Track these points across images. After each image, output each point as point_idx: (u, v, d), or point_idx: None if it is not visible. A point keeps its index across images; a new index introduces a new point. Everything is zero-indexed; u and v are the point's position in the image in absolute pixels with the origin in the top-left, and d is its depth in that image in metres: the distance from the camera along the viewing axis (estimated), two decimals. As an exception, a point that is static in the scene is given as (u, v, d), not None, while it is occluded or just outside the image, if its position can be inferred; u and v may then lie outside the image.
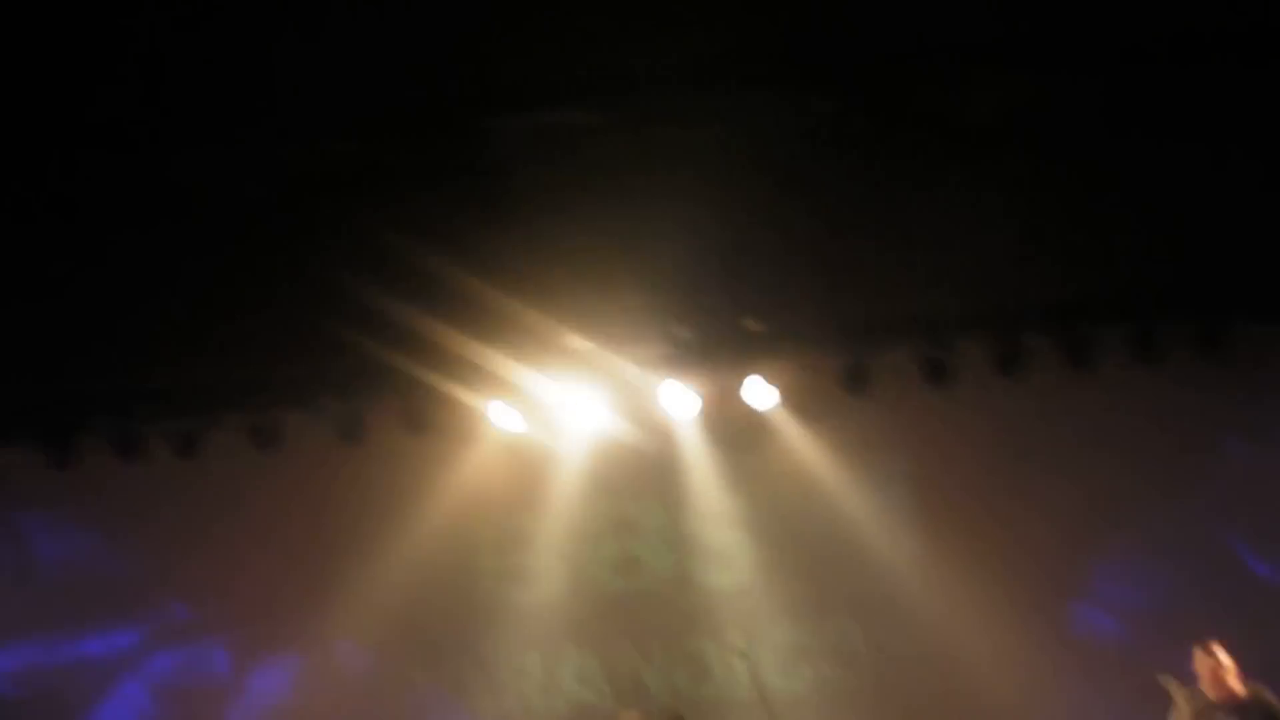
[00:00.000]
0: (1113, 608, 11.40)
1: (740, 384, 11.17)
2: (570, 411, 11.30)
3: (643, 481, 11.78)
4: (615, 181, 9.72)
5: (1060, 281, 10.30)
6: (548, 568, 11.84)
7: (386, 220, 9.79)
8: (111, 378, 10.44)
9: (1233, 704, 8.84)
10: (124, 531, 11.95)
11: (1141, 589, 11.29)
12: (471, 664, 11.70)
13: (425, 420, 11.17)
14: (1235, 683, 8.85)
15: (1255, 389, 11.18)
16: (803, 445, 11.55)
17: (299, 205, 9.91)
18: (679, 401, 11.16)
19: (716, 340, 10.46)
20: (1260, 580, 11.20)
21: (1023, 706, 11.12)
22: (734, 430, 11.54)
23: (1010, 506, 11.44)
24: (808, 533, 11.70)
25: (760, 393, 11.22)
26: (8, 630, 11.93)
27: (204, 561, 11.78)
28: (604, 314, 10.06)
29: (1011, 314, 10.68)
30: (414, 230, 9.77)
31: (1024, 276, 10.08)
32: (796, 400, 11.37)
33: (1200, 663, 8.95)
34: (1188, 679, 9.04)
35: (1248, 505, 11.18)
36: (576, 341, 10.40)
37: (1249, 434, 11.30)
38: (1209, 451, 11.33)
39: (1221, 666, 8.83)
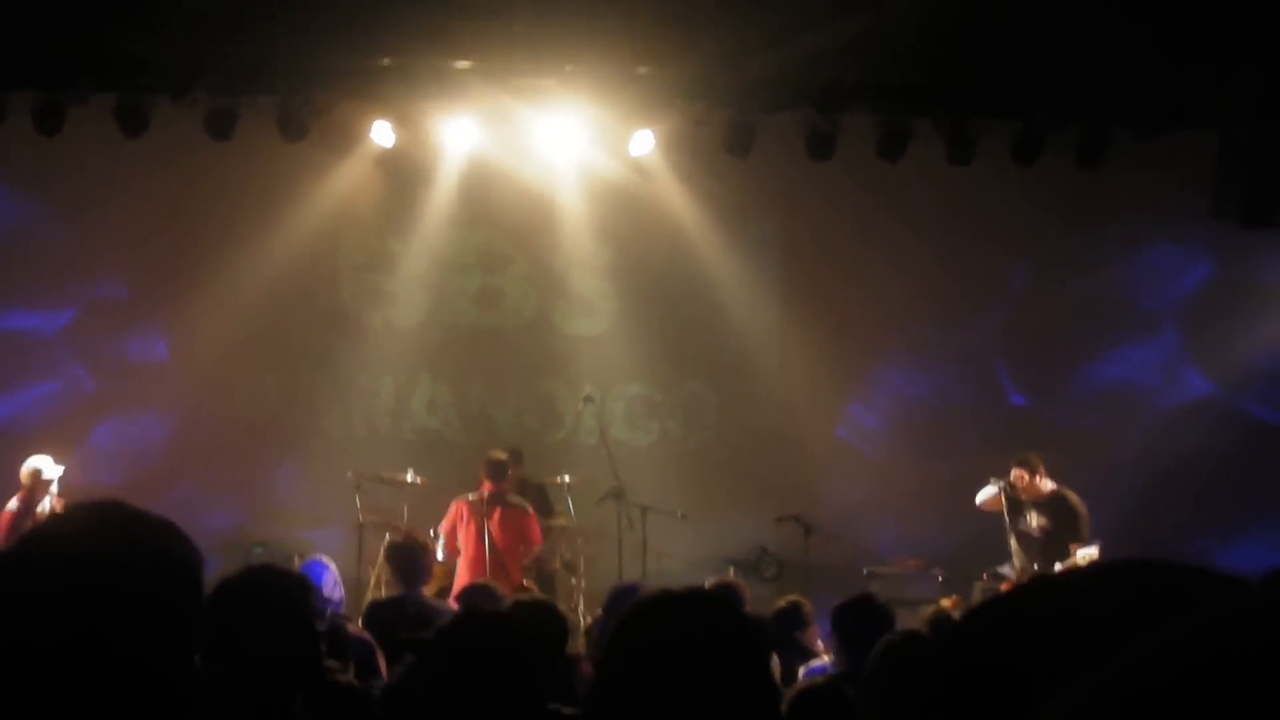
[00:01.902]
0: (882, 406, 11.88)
1: (624, 131, 11.05)
2: (452, 137, 11.10)
3: (516, 219, 11.69)
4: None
5: (953, 70, 10.28)
6: (410, 293, 11.79)
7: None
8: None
9: (1039, 500, 9.35)
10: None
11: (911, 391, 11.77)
12: (324, 378, 11.68)
13: (301, 127, 10.88)
14: (1044, 484, 9.31)
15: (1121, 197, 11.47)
16: (678, 201, 11.52)
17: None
18: (560, 138, 11.01)
19: (605, 81, 10.22)
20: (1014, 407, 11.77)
21: (836, 485, 11.53)
22: (613, 176, 11.44)
23: (869, 285, 11.62)
24: (672, 290, 11.77)
25: (644, 142, 11.11)
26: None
27: (64, 237, 11.50)
28: (494, 37, 9.76)
29: (904, 95, 10.67)
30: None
31: (920, 59, 10.00)
32: (678, 154, 11.29)
33: (1015, 469, 9.38)
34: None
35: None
36: (464, 63, 10.12)
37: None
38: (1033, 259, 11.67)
39: (1033, 474, 9.27)
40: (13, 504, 9.39)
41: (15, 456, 9.73)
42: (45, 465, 9.43)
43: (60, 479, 9.44)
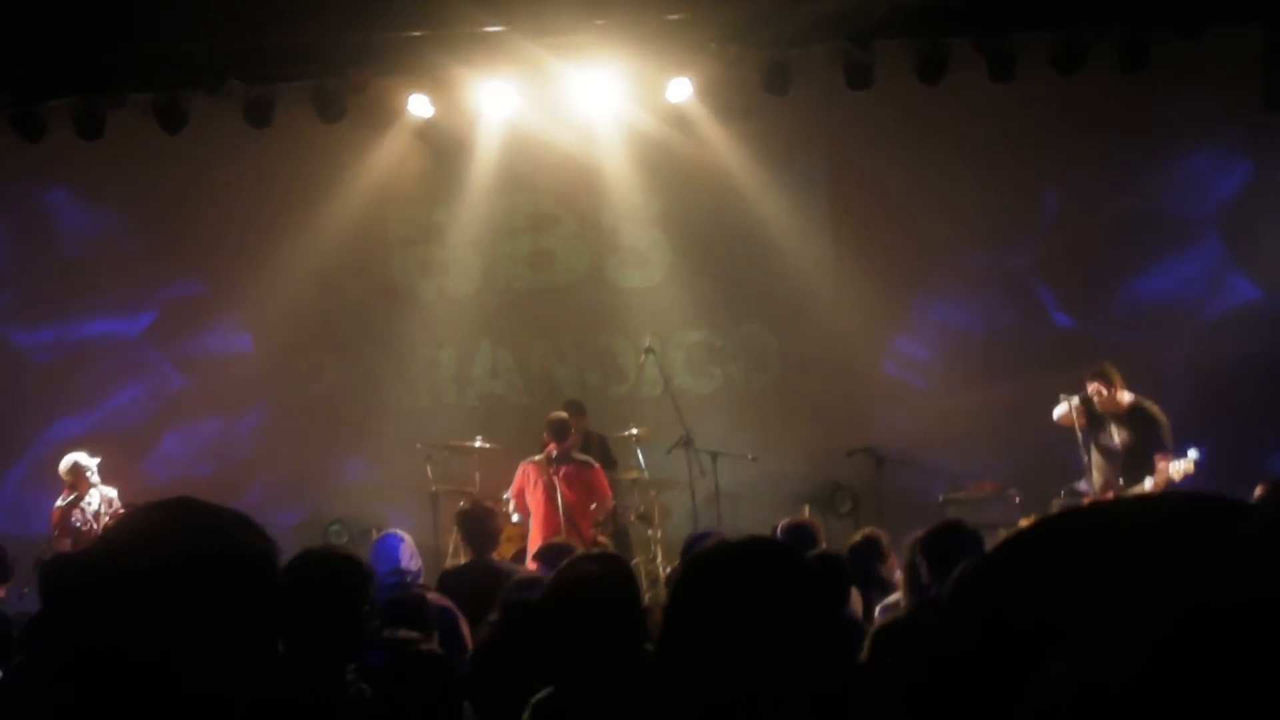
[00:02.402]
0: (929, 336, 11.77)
1: (660, 81, 11.00)
2: (488, 102, 11.10)
3: (560, 177, 11.67)
4: None
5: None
6: (461, 261, 11.83)
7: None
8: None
9: (1119, 413, 9.18)
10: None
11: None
12: (385, 354, 11.77)
13: (338, 107, 10.93)
14: (1122, 395, 9.15)
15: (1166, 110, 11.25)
16: (721, 145, 11.45)
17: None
18: (597, 94, 10.97)
19: (637, 31, 10.16)
20: (1059, 328, 11.58)
21: (901, 416, 11.46)
22: (654, 127, 11.39)
23: (913, 214, 11.51)
24: (723, 234, 11.71)
25: (681, 90, 11.06)
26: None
27: (112, 236, 11.67)
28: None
29: (935, 16, 10.52)
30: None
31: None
32: (717, 98, 11.22)
33: (1091, 382, 9.21)
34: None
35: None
36: (495, 26, 10.09)
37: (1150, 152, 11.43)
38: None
39: (1110, 385, 9.11)
40: (60, 501, 9.76)
41: (108, 456, 9.98)
42: (82, 459, 9.80)
43: (99, 468, 9.81)
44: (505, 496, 9.83)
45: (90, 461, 9.80)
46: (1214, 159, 11.47)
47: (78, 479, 9.73)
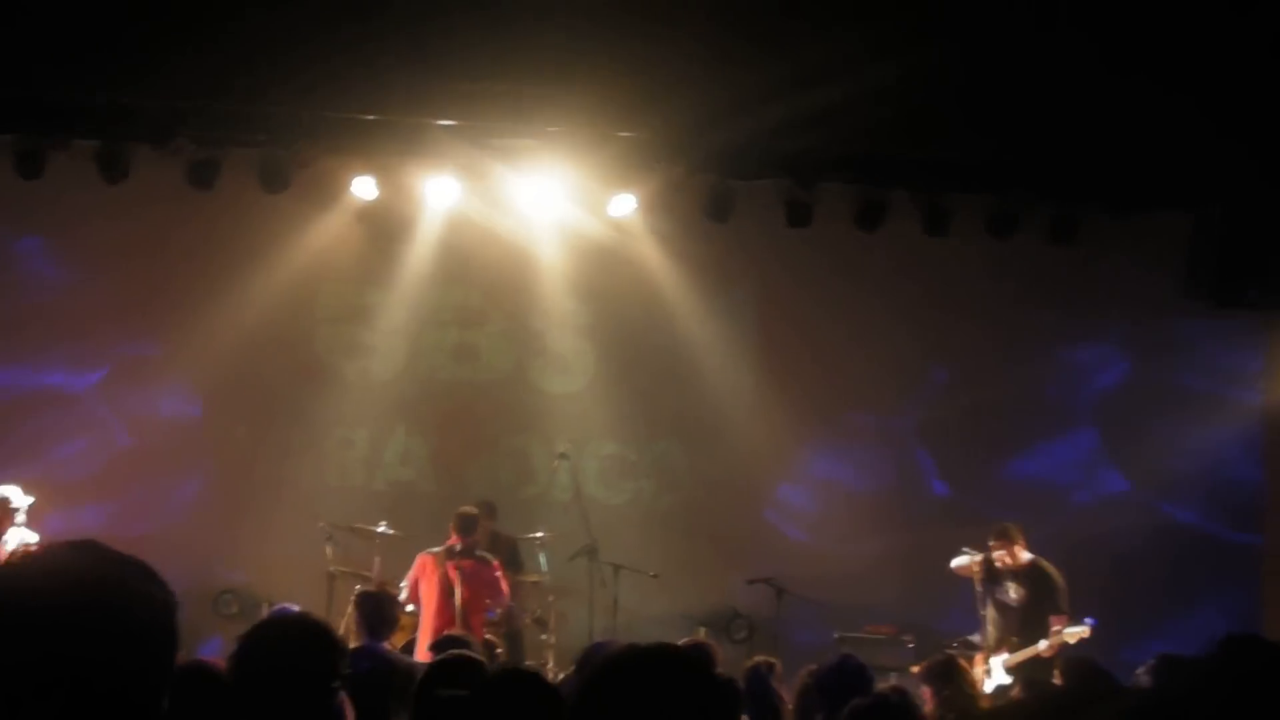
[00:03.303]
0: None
1: (604, 192, 11.15)
2: (433, 193, 11.19)
3: (494, 275, 11.75)
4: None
5: (928, 143, 10.43)
6: (386, 345, 11.82)
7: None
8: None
9: (1017, 570, 9.37)
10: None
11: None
12: (299, 428, 11.65)
13: (283, 178, 10.93)
14: (1021, 554, 9.34)
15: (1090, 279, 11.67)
16: (657, 263, 11.62)
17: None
18: (540, 198, 11.10)
19: (586, 142, 10.32)
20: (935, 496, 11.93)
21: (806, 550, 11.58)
22: (593, 237, 11.53)
23: (842, 354, 11.74)
24: (648, 350, 11.84)
25: (624, 204, 11.22)
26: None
27: (37, 281, 11.52)
28: (477, 97, 9.86)
29: (880, 167, 10.83)
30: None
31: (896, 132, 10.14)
32: (658, 217, 11.40)
33: (994, 542, 9.42)
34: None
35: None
36: (447, 121, 10.21)
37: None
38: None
39: (1012, 544, 9.29)
40: None
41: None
42: (14, 495, 9.33)
43: (29, 509, 9.35)
44: (401, 585, 9.72)
45: (22, 500, 9.30)
46: (1098, 355, 11.91)
47: (3, 514, 9.21)
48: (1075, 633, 8.97)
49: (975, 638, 9.56)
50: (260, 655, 3.24)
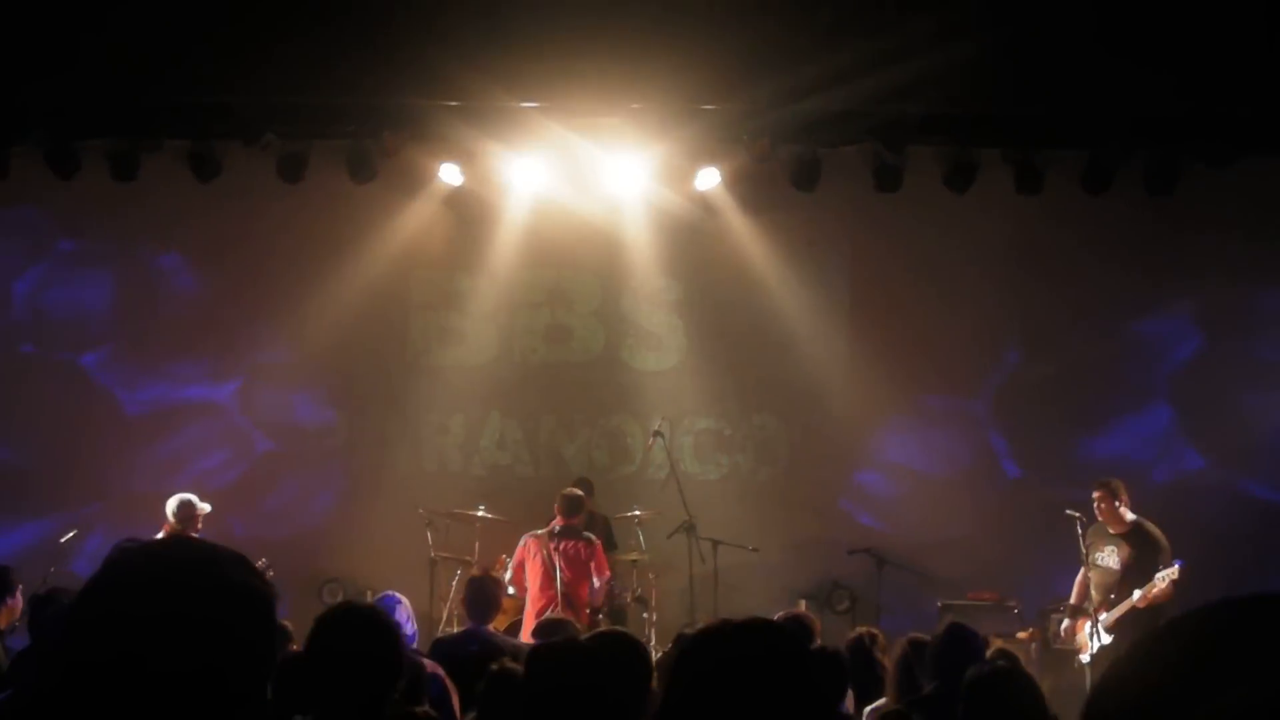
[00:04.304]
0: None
1: (689, 167, 11.11)
2: (517, 176, 11.22)
3: (583, 255, 11.76)
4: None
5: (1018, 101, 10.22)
6: (478, 330, 11.89)
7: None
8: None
9: (1121, 532, 9.19)
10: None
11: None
12: (395, 416, 11.78)
13: (370, 168, 11.04)
14: (1125, 512, 9.19)
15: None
16: (745, 235, 11.55)
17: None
18: (626, 175, 11.09)
19: (670, 118, 10.27)
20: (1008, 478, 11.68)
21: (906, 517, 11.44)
22: (680, 213, 11.49)
23: (937, 317, 11.58)
24: (739, 324, 11.78)
25: (710, 178, 11.17)
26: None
27: (128, 284, 11.76)
28: (560, 77, 9.85)
29: (970, 128, 10.63)
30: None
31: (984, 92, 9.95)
32: (744, 189, 11.33)
33: (1097, 494, 9.27)
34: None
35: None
36: (530, 103, 10.21)
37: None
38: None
39: (1114, 499, 9.13)
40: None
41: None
42: (196, 500, 9.47)
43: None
44: (508, 564, 9.82)
45: (203, 506, 9.44)
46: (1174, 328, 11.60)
47: (188, 519, 9.34)
48: (1165, 575, 8.81)
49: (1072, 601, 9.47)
50: (329, 640, 3.29)
